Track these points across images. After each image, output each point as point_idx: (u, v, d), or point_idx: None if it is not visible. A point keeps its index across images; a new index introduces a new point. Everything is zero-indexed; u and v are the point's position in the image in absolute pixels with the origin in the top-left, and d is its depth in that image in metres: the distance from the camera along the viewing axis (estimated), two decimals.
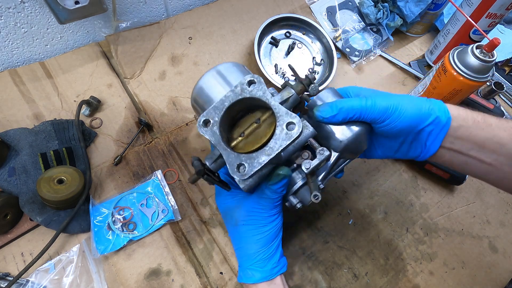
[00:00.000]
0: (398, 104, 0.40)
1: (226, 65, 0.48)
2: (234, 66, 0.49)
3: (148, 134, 0.66)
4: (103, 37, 0.74)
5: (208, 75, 0.47)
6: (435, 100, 0.42)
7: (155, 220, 0.57)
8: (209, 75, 0.47)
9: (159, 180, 0.60)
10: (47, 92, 0.66)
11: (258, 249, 0.46)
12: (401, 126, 0.41)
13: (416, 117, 0.41)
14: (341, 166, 0.47)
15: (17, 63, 0.70)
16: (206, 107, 0.45)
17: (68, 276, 0.51)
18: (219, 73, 0.47)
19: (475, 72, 0.58)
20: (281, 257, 0.47)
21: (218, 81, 0.47)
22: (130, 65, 0.72)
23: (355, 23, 0.84)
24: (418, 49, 0.87)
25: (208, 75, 0.47)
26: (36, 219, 0.53)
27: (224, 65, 0.48)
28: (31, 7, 0.63)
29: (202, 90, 0.47)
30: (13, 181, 0.55)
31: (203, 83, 0.47)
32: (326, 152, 0.40)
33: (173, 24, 0.77)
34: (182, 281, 0.53)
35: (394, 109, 0.40)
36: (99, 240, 0.54)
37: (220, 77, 0.47)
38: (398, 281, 0.57)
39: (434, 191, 0.66)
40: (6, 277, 0.51)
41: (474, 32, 0.72)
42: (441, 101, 0.42)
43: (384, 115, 0.41)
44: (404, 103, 0.41)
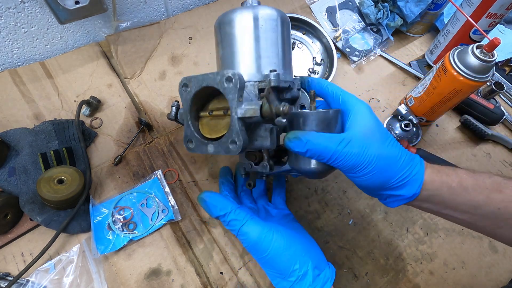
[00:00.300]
0: (370, 164, 0.38)
1: (269, 20, 0.45)
2: (274, 30, 0.46)
3: (148, 134, 0.66)
4: (103, 37, 0.74)
5: (246, 17, 0.45)
6: (415, 166, 0.40)
7: (155, 220, 0.57)
8: (246, 18, 0.45)
9: (159, 180, 0.60)
10: (47, 92, 0.66)
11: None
12: (364, 184, 0.40)
13: (382, 184, 0.40)
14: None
15: (17, 63, 0.70)
16: (222, 43, 0.47)
17: (68, 276, 0.51)
18: (256, 26, 0.45)
19: (475, 72, 0.58)
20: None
21: (247, 34, 0.45)
22: (130, 65, 0.72)
23: (355, 23, 0.84)
24: (418, 49, 0.87)
25: (246, 17, 0.45)
26: (36, 219, 0.53)
27: (267, 19, 0.45)
28: (31, 7, 0.63)
29: (230, 25, 0.46)
30: (13, 181, 0.55)
31: (236, 19, 0.45)
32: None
33: (173, 24, 0.77)
34: (182, 281, 0.53)
35: (364, 167, 0.38)
36: (99, 240, 0.54)
37: (254, 31, 0.45)
38: (398, 281, 0.57)
39: None
40: (6, 277, 0.51)
41: (474, 32, 0.72)
42: (421, 167, 0.40)
43: (351, 169, 0.39)
44: (379, 164, 0.38)
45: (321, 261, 0.45)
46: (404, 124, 0.71)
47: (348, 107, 0.42)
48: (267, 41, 0.45)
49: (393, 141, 0.41)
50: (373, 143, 0.39)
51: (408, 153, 0.41)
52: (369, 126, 0.40)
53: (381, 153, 0.39)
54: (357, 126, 0.40)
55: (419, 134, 0.72)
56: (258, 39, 0.44)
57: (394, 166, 0.39)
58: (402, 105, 0.72)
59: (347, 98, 0.43)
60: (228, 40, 0.46)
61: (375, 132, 0.40)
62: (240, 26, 0.45)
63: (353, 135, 0.39)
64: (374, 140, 0.39)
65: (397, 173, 0.39)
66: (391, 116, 0.74)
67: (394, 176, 0.39)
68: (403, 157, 0.40)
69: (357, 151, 0.38)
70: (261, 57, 0.44)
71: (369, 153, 0.38)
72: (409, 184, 0.39)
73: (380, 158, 0.38)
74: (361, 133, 0.39)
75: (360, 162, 0.38)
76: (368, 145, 0.39)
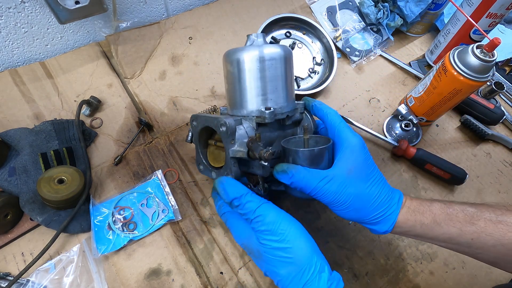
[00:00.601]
0: (346, 202, 0.43)
1: (270, 60, 0.48)
2: (276, 68, 0.49)
3: (148, 134, 0.66)
4: (103, 37, 0.74)
5: (248, 58, 0.48)
6: (391, 206, 0.44)
7: (155, 220, 0.57)
8: (248, 59, 0.48)
9: (159, 180, 0.60)
10: (48, 92, 0.67)
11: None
12: (341, 216, 0.45)
13: (357, 219, 0.44)
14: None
15: (17, 63, 0.70)
16: (227, 78, 0.51)
17: (68, 276, 0.51)
18: (256, 67, 0.48)
19: (476, 72, 0.58)
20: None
21: (247, 74, 0.49)
22: (130, 65, 0.72)
23: (355, 23, 0.84)
24: (419, 49, 0.87)
25: (248, 58, 0.48)
26: (36, 219, 0.53)
27: (269, 59, 0.48)
28: (31, 7, 0.63)
29: (232, 65, 0.49)
30: (13, 181, 0.55)
31: (238, 61, 0.48)
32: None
33: (173, 24, 0.77)
34: (182, 281, 0.53)
35: (340, 204, 0.43)
36: (100, 240, 0.54)
37: (254, 72, 0.48)
38: (398, 281, 0.57)
39: (435, 191, 0.66)
40: (7, 277, 0.51)
41: (475, 32, 0.72)
42: (397, 207, 0.44)
43: (329, 203, 0.43)
44: (355, 204, 0.43)
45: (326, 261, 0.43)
46: (404, 124, 0.71)
47: (341, 140, 0.46)
48: (266, 80, 0.48)
49: (376, 180, 0.44)
50: (354, 182, 0.43)
51: (387, 192, 0.44)
52: (355, 164, 0.44)
53: (359, 193, 0.43)
54: (343, 163, 0.44)
55: (419, 134, 0.72)
56: (258, 79, 0.48)
57: (370, 207, 0.43)
58: (402, 105, 0.72)
59: (342, 132, 0.46)
60: (230, 78, 0.50)
61: (359, 171, 0.43)
62: (242, 68, 0.49)
63: (335, 174, 0.43)
64: (356, 180, 0.43)
65: (371, 212, 0.43)
66: (391, 116, 0.74)
67: (368, 215, 0.43)
68: (381, 197, 0.43)
69: (336, 189, 0.42)
70: (259, 95, 0.49)
71: (347, 192, 0.42)
72: (381, 223, 0.44)
73: (356, 198, 0.43)
74: (344, 172, 0.43)
75: (337, 199, 0.42)
76: (348, 185, 0.42)
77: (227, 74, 0.51)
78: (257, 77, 0.48)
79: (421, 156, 0.66)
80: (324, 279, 0.39)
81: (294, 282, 0.39)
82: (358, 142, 0.45)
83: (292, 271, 0.39)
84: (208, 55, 0.76)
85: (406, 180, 0.67)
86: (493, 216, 0.42)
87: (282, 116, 0.50)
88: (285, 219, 0.42)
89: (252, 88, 0.49)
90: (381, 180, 0.44)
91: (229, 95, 0.52)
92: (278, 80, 0.49)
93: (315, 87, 0.74)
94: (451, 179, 0.65)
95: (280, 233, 0.40)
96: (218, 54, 0.77)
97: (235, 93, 0.50)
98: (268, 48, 0.49)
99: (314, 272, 0.39)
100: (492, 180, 0.69)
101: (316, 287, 0.38)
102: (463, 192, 0.67)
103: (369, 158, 0.45)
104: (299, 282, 0.39)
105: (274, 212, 0.42)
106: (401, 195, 0.45)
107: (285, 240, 0.40)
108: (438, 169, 0.65)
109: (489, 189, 0.67)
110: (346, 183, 0.42)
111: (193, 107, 0.71)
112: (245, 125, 0.49)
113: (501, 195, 0.67)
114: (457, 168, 0.65)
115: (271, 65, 0.48)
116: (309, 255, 0.40)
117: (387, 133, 0.72)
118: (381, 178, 0.45)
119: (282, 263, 0.40)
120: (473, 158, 0.71)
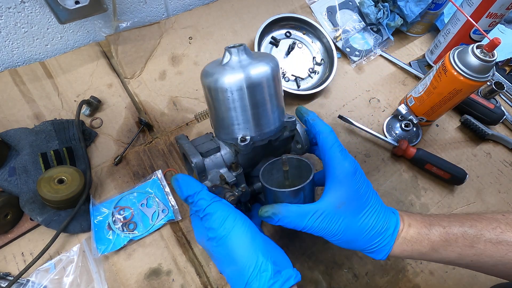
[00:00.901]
0: (338, 235, 0.42)
1: (255, 89, 0.43)
2: (261, 103, 0.44)
3: (148, 134, 0.66)
4: (103, 37, 0.74)
5: (227, 88, 0.42)
6: (385, 238, 0.42)
7: (155, 220, 0.57)
8: (226, 89, 0.42)
9: (159, 180, 0.60)
10: (47, 92, 0.67)
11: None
12: (335, 244, 0.44)
13: (351, 248, 0.44)
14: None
15: (17, 63, 0.70)
16: (206, 100, 0.47)
17: (68, 276, 0.51)
18: (238, 97, 0.44)
19: (476, 72, 0.58)
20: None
21: (225, 106, 0.44)
22: (130, 65, 0.72)
23: (356, 23, 0.84)
24: (419, 49, 0.87)
25: (227, 88, 0.42)
26: (36, 219, 0.53)
27: (253, 89, 0.43)
28: (31, 7, 0.63)
29: (208, 91, 0.45)
30: (13, 181, 0.55)
31: (216, 89, 0.43)
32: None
33: (173, 24, 0.77)
34: (182, 281, 0.53)
35: (332, 236, 0.42)
36: (100, 240, 0.54)
37: (232, 103, 0.43)
38: (398, 281, 0.57)
39: (435, 191, 0.66)
40: (7, 276, 0.51)
41: (475, 32, 0.72)
42: (391, 239, 0.42)
43: (322, 236, 0.43)
44: (347, 236, 0.42)
45: (285, 262, 0.41)
46: (404, 124, 0.71)
47: (331, 167, 0.43)
48: (243, 110, 0.44)
49: (370, 210, 0.43)
50: (346, 216, 0.42)
51: (382, 223, 0.43)
52: (346, 195, 0.42)
53: (351, 226, 0.42)
54: (332, 195, 0.42)
55: (419, 134, 0.72)
56: (231, 110, 0.44)
57: (362, 239, 0.42)
58: (402, 105, 0.72)
59: (333, 158, 0.44)
60: (206, 100, 0.47)
61: (350, 203, 0.42)
62: (214, 96, 0.44)
63: (324, 209, 0.41)
64: (348, 213, 0.42)
65: (364, 244, 0.43)
66: (391, 116, 0.74)
67: (361, 246, 0.43)
68: (375, 229, 0.42)
69: (326, 225, 0.41)
70: (233, 124, 0.45)
71: (339, 227, 0.41)
72: (375, 252, 0.43)
73: (349, 231, 0.42)
74: (334, 206, 0.42)
75: (329, 233, 0.42)
76: (338, 219, 0.41)
77: (204, 94, 0.47)
78: (230, 107, 0.43)
79: (421, 156, 0.66)
80: (265, 278, 0.38)
81: (237, 281, 0.39)
82: (350, 169, 0.42)
83: (235, 270, 0.39)
84: (208, 55, 0.76)
85: (406, 180, 0.67)
86: (493, 237, 0.41)
87: (263, 143, 0.46)
88: (232, 217, 0.40)
89: (226, 118, 0.44)
90: (375, 210, 0.43)
91: (211, 118, 0.48)
92: (258, 106, 0.44)
93: (315, 87, 0.74)
94: (451, 179, 0.65)
95: (221, 231, 0.40)
96: (218, 54, 0.77)
97: (211, 117, 0.47)
98: (249, 71, 0.42)
99: (254, 271, 0.38)
100: (492, 180, 0.69)
101: (257, 287, 0.37)
102: (463, 192, 0.67)
103: (362, 186, 0.43)
104: (241, 281, 0.38)
105: (221, 210, 0.41)
106: (397, 224, 0.43)
107: (225, 238, 0.39)
108: (438, 169, 0.65)
109: (489, 189, 0.67)
110: (336, 218, 0.41)
111: (193, 107, 0.71)
112: (223, 152, 0.46)
113: (501, 195, 0.67)
114: (457, 168, 0.65)
115: (250, 92, 0.42)
116: (250, 255, 0.39)
117: (387, 133, 0.72)
118: (375, 207, 0.43)
119: (226, 261, 0.40)
120: (473, 158, 0.71)
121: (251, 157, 0.49)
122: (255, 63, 0.43)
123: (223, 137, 0.47)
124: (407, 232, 0.43)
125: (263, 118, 0.45)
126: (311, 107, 0.74)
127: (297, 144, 0.51)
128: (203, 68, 0.46)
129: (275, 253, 0.41)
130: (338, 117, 0.72)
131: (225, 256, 0.40)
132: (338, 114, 0.72)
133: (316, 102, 0.75)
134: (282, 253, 0.43)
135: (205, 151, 0.46)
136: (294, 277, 0.39)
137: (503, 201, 0.66)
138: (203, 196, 0.42)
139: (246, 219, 0.41)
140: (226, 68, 0.43)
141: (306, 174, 0.46)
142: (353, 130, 0.72)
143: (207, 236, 0.41)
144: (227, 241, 0.39)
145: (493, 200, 0.66)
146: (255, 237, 0.40)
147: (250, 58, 0.44)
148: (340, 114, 0.72)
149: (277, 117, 0.46)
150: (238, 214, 0.41)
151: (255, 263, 0.38)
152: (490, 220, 0.42)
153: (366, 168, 0.67)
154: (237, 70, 0.42)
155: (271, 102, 0.45)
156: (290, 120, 0.47)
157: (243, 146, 0.44)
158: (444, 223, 0.43)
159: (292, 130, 0.48)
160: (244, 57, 0.44)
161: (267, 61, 0.44)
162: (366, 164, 0.68)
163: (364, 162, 0.68)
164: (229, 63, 0.44)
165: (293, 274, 0.39)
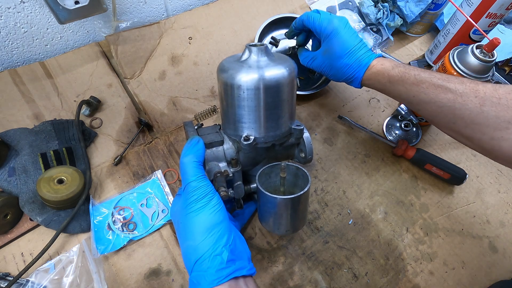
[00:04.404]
0: (326, 69, 0.59)
1: (270, 91, 0.44)
2: (272, 106, 0.45)
3: (148, 134, 0.66)
4: (103, 37, 0.74)
5: (243, 86, 0.43)
6: (358, 71, 0.55)
7: (155, 220, 0.57)
8: (243, 87, 0.43)
9: (159, 180, 0.60)
10: (47, 92, 0.66)
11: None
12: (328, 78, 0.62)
13: (337, 79, 0.60)
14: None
15: (17, 63, 0.70)
16: (219, 95, 0.49)
17: (68, 276, 0.51)
18: (253, 96, 0.44)
19: (475, 72, 0.58)
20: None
21: (231, 101, 0.45)
22: (130, 65, 0.72)
23: (355, 23, 0.84)
24: (418, 49, 0.87)
25: (243, 86, 0.43)
26: (36, 219, 0.53)
27: (269, 90, 0.43)
28: (31, 7, 0.63)
29: (222, 87, 0.46)
30: (13, 181, 0.55)
31: (232, 85, 0.43)
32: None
33: (173, 24, 0.77)
34: (182, 281, 0.53)
35: (324, 72, 0.60)
36: (99, 240, 0.54)
37: (246, 102, 0.44)
38: (398, 281, 0.57)
39: (434, 191, 0.66)
40: (6, 277, 0.51)
41: (474, 32, 0.72)
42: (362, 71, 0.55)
43: (319, 71, 0.61)
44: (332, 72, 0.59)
45: (244, 254, 0.42)
46: (404, 124, 0.71)
47: (323, 31, 0.56)
48: (256, 109, 0.44)
49: (349, 55, 0.55)
50: (329, 59, 0.57)
51: (357, 62, 0.55)
52: (331, 46, 0.56)
53: (334, 65, 0.57)
54: (323, 47, 0.58)
55: (419, 134, 0.72)
56: (242, 107, 0.44)
57: (344, 73, 0.57)
58: (402, 105, 0.72)
59: (325, 26, 0.56)
60: (219, 94, 0.48)
61: (333, 51, 0.56)
62: (227, 91, 0.44)
63: (316, 54, 0.60)
64: (331, 57, 0.57)
65: (344, 75, 0.57)
66: (391, 116, 0.74)
67: (342, 77, 0.58)
68: (352, 66, 0.55)
69: (318, 64, 0.60)
70: (240, 122, 0.45)
71: (326, 65, 0.59)
72: (353, 82, 0.58)
73: (333, 68, 0.58)
74: (321, 52, 0.59)
75: (322, 70, 0.60)
76: (324, 60, 0.59)
77: (218, 87, 0.48)
78: (240, 105, 0.43)
79: (421, 156, 0.66)
80: (217, 261, 0.38)
81: (190, 256, 0.40)
82: (334, 30, 0.55)
83: (191, 246, 0.40)
84: (208, 55, 0.76)
85: (406, 180, 0.67)
86: (438, 82, 0.47)
87: (266, 145, 0.46)
88: (209, 198, 0.41)
89: (234, 114, 0.45)
90: (354, 54, 0.55)
91: (221, 113, 0.49)
92: (268, 109, 0.44)
93: (315, 87, 0.74)
94: (451, 179, 0.65)
95: (194, 205, 0.41)
96: (218, 54, 0.77)
97: (222, 109, 0.48)
98: (264, 73, 0.42)
99: (208, 252, 0.39)
100: (492, 180, 0.69)
101: (207, 267, 0.38)
102: (463, 192, 0.67)
103: (347, 40, 0.55)
104: (193, 257, 0.39)
105: (205, 187, 0.42)
106: (368, 62, 0.54)
107: (195, 212, 0.41)
108: (438, 169, 0.65)
109: (489, 189, 0.67)
110: (322, 59, 0.59)
111: (193, 107, 0.71)
112: (226, 146, 0.46)
113: (501, 195, 0.67)
114: (457, 168, 0.65)
115: (262, 93, 0.43)
116: (211, 236, 0.39)
117: (387, 133, 0.72)
118: (355, 52, 0.55)
119: (187, 235, 0.41)
120: (473, 158, 0.71)
121: (252, 157, 0.49)
122: (272, 65, 0.44)
123: (229, 132, 0.47)
124: (376, 67, 0.54)
125: (271, 121, 0.45)
126: (311, 107, 0.74)
127: (301, 153, 0.51)
128: (221, 62, 0.47)
129: (237, 244, 0.42)
130: (338, 117, 0.72)
131: (188, 230, 0.41)
132: (338, 114, 0.72)
133: (316, 102, 0.75)
134: (245, 247, 0.43)
135: (208, 142, 0.46)
136: (248, 269, 0.40)
137: (503, 201, 0.66)
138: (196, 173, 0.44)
139: (222, 207, 0.42)
140: (244, 66, 0.43)
141: (302, 184, 0.46)
142: (353, 130, 0.72)
143: (181, 207, 0.42)
144: (195, 216, 0.40)
145: (492, 200, 0.66)
146: (221, 223, 0.41)
147: (269, 59, 0.45)
148: (340, 114, 0.72)
149: (285, 123, 0.47)
150: (216, 198, 0.42)
151: (212, 245, 0.39)
152: (449, 75, 0.49)
153: (366, 168, 0.67)
154: (253, 70, 0.42)
155: (281, 106, 0.45)
156: (298, 127, 0.48)
157: (246, 145, 0.44)
158: (409, 69, 0.51)
159: (298, 138, 0.49)
160: (263, 58, 0.44)
161: (285, 65, 0.44)
162: (366, 164, 0.68)
163: (364, 162, 0.68)
164: (247, 61, 0.44)
165: (246, 266, 0.40)
